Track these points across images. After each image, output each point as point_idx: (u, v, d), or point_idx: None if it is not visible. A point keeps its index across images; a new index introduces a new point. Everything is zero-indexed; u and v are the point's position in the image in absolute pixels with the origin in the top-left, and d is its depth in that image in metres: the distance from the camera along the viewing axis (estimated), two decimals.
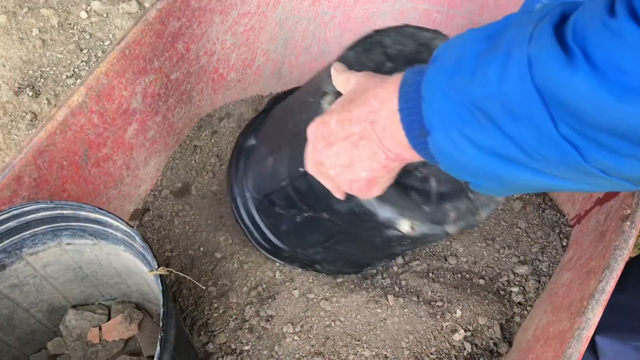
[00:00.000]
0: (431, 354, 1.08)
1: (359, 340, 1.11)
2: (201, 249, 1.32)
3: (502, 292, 1.13)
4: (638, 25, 0.40)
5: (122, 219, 0.93)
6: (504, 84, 0.48)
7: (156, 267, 0.89)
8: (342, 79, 0.76)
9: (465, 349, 1.08)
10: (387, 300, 1.12)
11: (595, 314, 0.87)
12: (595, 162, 0.47)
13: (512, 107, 0.48)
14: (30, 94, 2.09)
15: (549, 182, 0.53)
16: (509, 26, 0.52)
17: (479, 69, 0.51)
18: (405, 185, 0.85)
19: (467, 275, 1.16)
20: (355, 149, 0.68)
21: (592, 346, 1.18)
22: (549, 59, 0.45)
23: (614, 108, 0.42)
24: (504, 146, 0.51)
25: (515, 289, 1.13)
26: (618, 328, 1.17)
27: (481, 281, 1.15)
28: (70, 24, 2.25)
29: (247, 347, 1.16)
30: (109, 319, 1.20)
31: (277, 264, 1.26)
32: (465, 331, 1.08)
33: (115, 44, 1.19)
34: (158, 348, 0.83)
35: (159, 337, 0.84)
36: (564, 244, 1.15)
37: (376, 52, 0.90)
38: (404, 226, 0.83)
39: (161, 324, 0.85)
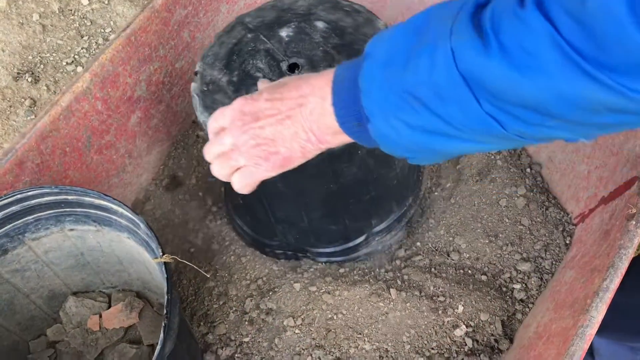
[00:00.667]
0: (432, 349, 1.08)
1: (360, 334, 1.11)
2: (200, 240, 1.32)
3: (504, 289, 1.13)
4: (541, 13, 0.47)
5: (127, 206, 0.92)
6: (434, 73, 0.55)
7: (161, 254, 0.89)
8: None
9: (466, 344, 1.08)
10: (390, 294, 1.12)
11: (599, 312, 0.87)
12: (513, 130, 0.55)
13: (441, 92, 0.56)
14: (29, 79, 2.07)
15: (475, 147, 0.61)
16: (432, 20, 0.58)
17: (411, 61, 0.58)
18: None
19: (470, 272, 1.16)
20: (280, 125, 0.73)
21: (589, 346, 1.19)
22: (468, 47, 0.52)
23: (522, 85, 0.50)
24: (436, 125, 0.59)
25: (517, 286, 1.13)
26: (614, 328, 1.17)
27: (483, 277, 1.15)
28: (71, 10, 2.23)
29: (246, 339, 1.15)
30: (109, 307, 1.19)
31: (274, 259, 1.26)
32: (466, 327, 1.08)
33: (121, 30, 1.18)
34: (162, 335, 0.83)
35: (163, 324, 0.83)
36: (567, 242, 1.15)
37: (237, 30, 1.01)
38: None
39: (165, 312, 0.84)
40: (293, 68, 0.96)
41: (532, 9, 0.48)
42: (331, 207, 1.07)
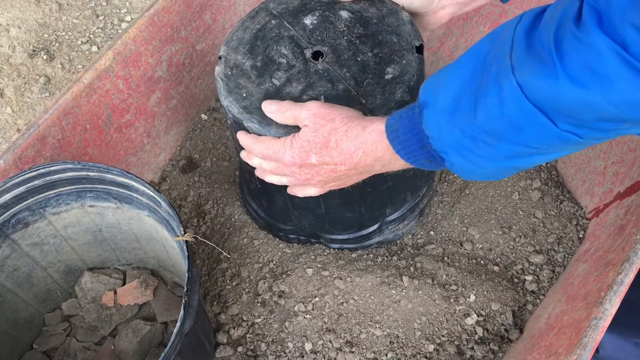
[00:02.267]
0: (442, 336, 1.10)
1: (371, 319, 1.12)
2: (213, 222, 1.33)
3: (516, 280, 1.15)
4: (604, 33, 0.49)
5: (148, 184, 0.93)
6: (505, 109, 0.58)
7: (182, 232, 0.90)
8: (288, 117, 0.87)
9: (476, 333, 1.09)
10: (402, 282, 1.13)
11: (612, 305, 0.88)
12: (589, 138, 0.58)
13: (516, 123, 0.59)
14: (44, 57, 2.08)
15: (555, 156, 0.64)
16: (486, 60, 0.61)
17: (479, 105, 0.61)
18: None
19: (482, 262, 1.17)
20: (340, 180, 0.86)
21: None
22: (536, 78, 0.54)
23: (596, 104, 0.52)
24: (516, 149, 0.62)
25: (529, 278, 1.14)
26: (620, 323, 1.19)
27: (496, 268, 1.16)
28: None
29: (258, 320, 1.17)
30: (124, 283, 1.21)
31: (286, 242, 1.27)
32: (477, 316, 1.10)
33: (144, 10, 1.19)
34: (182, 312, 0.84)
35: (183, 301, 0.85)
36: (581, 235, 1.16)
37: (261, 16, 1.02)
38: None
39: (185, 289, 0.86)
40: (317, 56, 0.97)
41: (595, 30, 0.49)
42: (349, 196, 1.08)
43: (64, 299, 1.20)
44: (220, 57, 0.99)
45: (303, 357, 1.11)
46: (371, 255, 1.22)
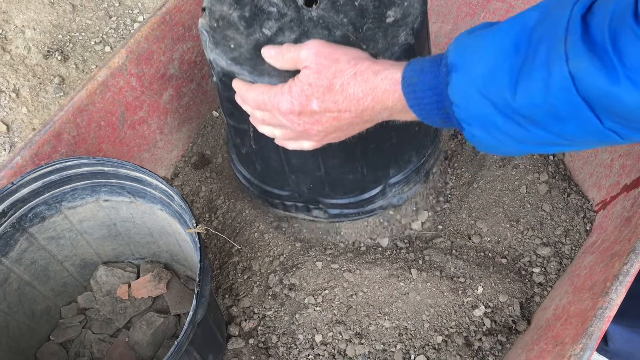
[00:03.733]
0: (451, 327, 1.11)
1: (380, 311, 1.14)
2: (224, 216, 1.35)
3: (523, 272, 1.16)
4: None
5: (161, 178, 0.95)
6: (550, 96, 0.54)
7: (194, 225, 0.92)
8: (288, 60, 0.79)
9: (484, 324, 1.10)
10: (411, 274, 1.15)
11: (618, 295, 0.89)
12: (628, 139, 0.56)
13: (558, 113, 0.55)
14: (59, 57, 2.11)
15: (575, 148, 0.62)
16: (534, 36, 0.56)
17: (520, 83, 0.57)
18: None
19: (490, 254, 1.18)
20: (342, 131, 0.79)
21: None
22: (591, 73, 0.51)
23: None
24: (548, 138, 0.59)
25: (536, 270, 1.15)
26: (630, 315, 1.19)
27: (503, 260, 1.17)
28: None
29: (269, 313, 1.19)
30: (138, 277, 1.23)
31: (296, 235, 1.28)
32: (485, 307, 1.11)
33: (156, 9, 1.21)
34: (194, 302, 0.86)
35: (195, 291, 0.87)
36: (588, 228, 1.17)
37: None
38: None
39: (197, 280, 0.88)
40: (310, 2, 0.91)
41: None
42: (350, 153, 1.00)
43: (79, 292, 1.22)
44: (204, 9, 0.92)
45: (313, 348, 1.13)
46: (380, 249, 1.24)
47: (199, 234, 0.91)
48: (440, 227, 1.25)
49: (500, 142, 0.63)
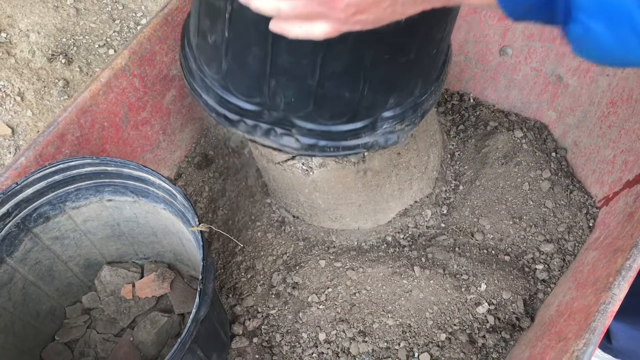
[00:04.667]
0: (454, 325, 1.11)
1: (384, 309, 1.14)
2: (227, 216, 1.36)
3: (526, 269, 1.16)
4: None
5: (164, 177, 0.96)
6: None
7: (197, 223, 0.93)
8: None
9: (488, 321, 1.10)
10: (414, 272, 1.15)
11: (621, 290, 0.89)
12: None
13: None
14: (63, 61, 2.12)
15: None
16: None
17: None
18: None
19: (493, 252, 1.18)
20: (372, 9, 0.59)
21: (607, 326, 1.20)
22: None
23: None
24: None
25: (540, 267, 1.15)
26: (633, 313, 1.19)
27: (507, 257, 1.17)
28: None
29: (273, 311, 1.19)
30: (142, 277, 1.24)
31: (299, 234, 1.29)
32: (489, 304, 1.11)
33: (158, 10, 1.22)
34: (197, 299, 0.86)
35: (198, 289, 0.87)
36: (591, 224, 1.17)
37: None
38: None
39: (200, 277, 0.88)
40: None
41: None
42: (359, 58, 0.83)
43: (83, 292, 1.23)
44: None
45: (317, 347, 1.13)
46: (383, 246, 1.24)
47: (201, 232, 0.92)
48: (443, 225, 1.25)
49: (626, 43, 0.49)
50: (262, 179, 1.34)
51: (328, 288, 1.18)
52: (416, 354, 1.10)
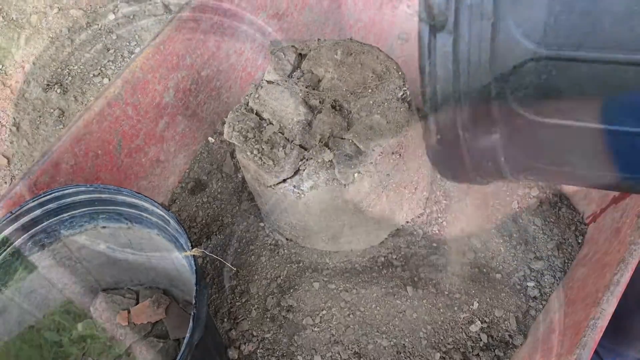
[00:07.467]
0: (448, 344, 1.12)
1: (378, 331, 1.15)
2: (221, 241, 1.36)
3: (518, 287, 1.17)
4: None
5: (157, 203, 0.97)
6: None
7: (190, 248, 0.94)
8: None
9: (481, 339, 1.11)
10: (407, 292, 1.16)
11: (610, 305, 0.90)
12: None
13: None
14: (58, 91, 2.15)
15: None
16: None
17: None
18: None
19: (485, 270, 1.20)
20: None
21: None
22: None
23: None
24: None
25: (531, 284, 1.16)
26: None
27: (498, 275, 1.18)
28: (98, 25, 2.32)
29: (268, 335, 1.20)
30: (137, 303, 1.24)
31: (292, 257, 1.29)
32: (481, 323, 1.12)
33: (150, 40, 1.24)
34: (191, 324, 0.87)
35: (192, 313, 0.88)
36: (579, 241, 1.19)
37: None
38: None
39: (194, 302, 0.89)
40: None
41: None
42: None
43: (79, 319, 1.23)
44: None
45: None
46: (376, 267, 1.25)
47: (194, 256, 0.93)
48: (434, 244, 1.26)
49: None
50: (255, 203, 1.36)
51: (322, 310, 1.19)
52: None
